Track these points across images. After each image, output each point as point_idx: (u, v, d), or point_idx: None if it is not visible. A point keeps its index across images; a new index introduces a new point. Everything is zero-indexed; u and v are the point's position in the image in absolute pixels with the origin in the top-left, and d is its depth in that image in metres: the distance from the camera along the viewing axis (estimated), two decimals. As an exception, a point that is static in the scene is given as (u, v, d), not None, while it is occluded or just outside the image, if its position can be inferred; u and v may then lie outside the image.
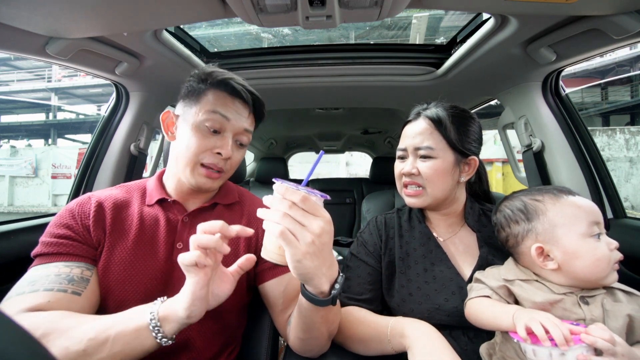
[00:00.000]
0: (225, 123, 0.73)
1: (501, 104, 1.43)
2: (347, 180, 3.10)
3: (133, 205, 0.75)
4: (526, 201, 0.69)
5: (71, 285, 0.61)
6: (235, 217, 0.81)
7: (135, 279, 0.68)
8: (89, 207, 0.70)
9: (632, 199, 9.09)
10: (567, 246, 0.61)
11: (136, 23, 0.85)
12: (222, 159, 0.73)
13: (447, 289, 0.75)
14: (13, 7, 0.72)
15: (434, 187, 0.80)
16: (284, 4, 0.74)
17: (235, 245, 0.77)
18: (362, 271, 0.84)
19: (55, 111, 16.31)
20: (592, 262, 0.59)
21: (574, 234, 0.60)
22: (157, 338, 0.54)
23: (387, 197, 1.31)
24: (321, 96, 1.67)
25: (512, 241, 0.70)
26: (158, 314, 0.55)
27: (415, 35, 9.42)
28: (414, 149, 0.81)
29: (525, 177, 1.35)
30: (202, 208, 0.78)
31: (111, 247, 0.69)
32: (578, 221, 0.61)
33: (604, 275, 0.59)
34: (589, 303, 0.59)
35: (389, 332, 0.69)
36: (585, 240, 0.60)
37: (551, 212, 0.64)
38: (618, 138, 9.51)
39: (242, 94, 0.75)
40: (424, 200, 0.82)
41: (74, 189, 1.31)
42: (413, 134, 0.82)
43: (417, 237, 0.85)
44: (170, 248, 0.72)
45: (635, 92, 11.53)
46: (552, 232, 0.63)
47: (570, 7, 0.74)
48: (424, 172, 0.79)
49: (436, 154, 0.79)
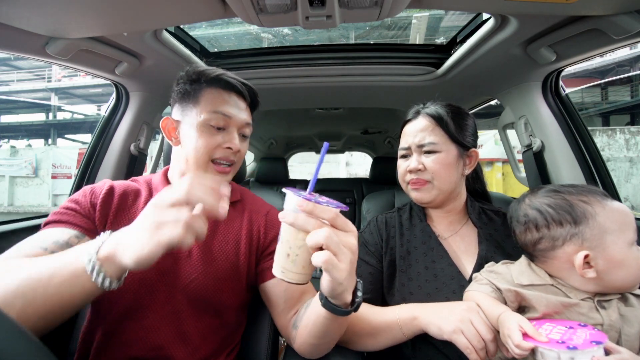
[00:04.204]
0: (228, 120, 0.74)
1: (501, 104, 1.43)
2: (347, 180, 3.10)
3: (141, 197, 0.77)
4: (573, 201, 0.60)
5: (53, 245, 0.61)
6: (237, 215, 0.81)
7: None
8: (101, 189, 0.73)
9: (632, 199, 9.09)
10: (614, 255, 0.56)
11: (136, 23, 0.85)
12: (233, 152, 0.75)
13: (448, 287, 0.76)
14: (13, 7, 0.72)
15: (441, 180, 0.81)
16: (284, 4, 0.74)
17: (236, 244, 0.77)
18: (364, 271, 0.84)
19: (55, 111, 16.30)
20: (636, 271, 0.56)
21: (623, 242, 0.56)
22: (98, 283, 0.47)
23: (387, 197, 1.31)
24: (321, 96, 1.67)
25: (547, 244, 0.62)
26: (97, 256, 0.48)
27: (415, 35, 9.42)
28: (417, 146, 0.83)
29: (525, 177, 1.35)
30: None
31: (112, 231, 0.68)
32: (627, 228, 0.56)
33: (638, 283, 0.57)
34: (606, 308, 0.57)
35: (399, 319, 0.70)
36: (631, 249, 0.56)
37: (601, 217, 0.57)
38: (618, 138, 9.51)
39: (237, 88, 0.76)
40: (432, 195, 0.82)
41: (74, 189, 1.31)
42: (415, 132, 0.84)
43: (418, 235, 0.85)
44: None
45: (635, 92, 11.53)
46: (600, 238, 0.57)
47: (570, 7, 0.74)
48: (429, 166, 0.81)
49: (440, 148, 0.81)
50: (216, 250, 0.74)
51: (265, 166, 2.64)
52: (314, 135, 3.10)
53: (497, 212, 0.88)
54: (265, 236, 0.80)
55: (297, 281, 0.49)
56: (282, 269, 0.50)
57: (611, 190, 1.13)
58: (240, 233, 0.78)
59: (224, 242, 0.76)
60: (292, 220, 0.47)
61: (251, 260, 0.77)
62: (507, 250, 0.79)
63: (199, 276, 0.71)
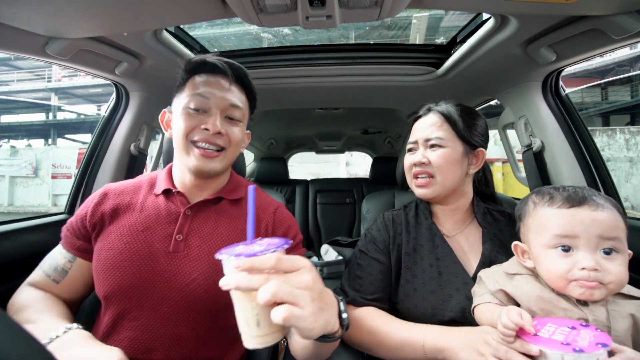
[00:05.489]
0: (206, 101, 0.72)
1: (501, 104, 1.43)
2: (347, 180, 3.10)
3: (138, 194, 0.78)
4: (528, 201, 0.70)
5: (54, 273, 0.73)
6: (242, 213, 0.79)
7: (122, 266, 0.68)
8: (93, 197, 0.77)
9: (632, 199, 9.09)
10: (532, 251, 0.65)
11: (136, 23, 0.85)
12: (212, 134, 0.71)
13: (452, 285, 0.76)
14: (13, 7, 0.72)
15: (444, 175, 0.82)
16: (284, 4, 0.74)
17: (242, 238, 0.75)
18: (374, 269, 0.84)
19: (55, 111, 16.30)
20: (545, 272, 0.62)
21: (539, 243, 0.63)
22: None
23: (387, 197, 1.31)
24: (321, 96, 1.67)
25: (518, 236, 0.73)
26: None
27: (415, 35, 9.42)
28: (424, 141, 0.85)
29: (525, 177, 1.35)
30: (206, 201, 0.77)
31: (106, 232, 0.73)
32: (543, 232, 0.63)
33: (561, 287, 0.60)
34: (588, 305, 0.59)
35: (424, 345, 0.68)
36: (546, 250, 0.62)
37: (530, 217, 0.67)
38: (618, 138, 9.51)
39: (220, 69, 0.73)
40: (434, 190, 0.83)
41: (74, 189, 1.31)
42: (424, 127, 0.86)
43: (423, 233, 0.86)
44: (169, 239, 0.71)
45: (635, 92, 11.52)
46: (526, 235, 0.68)
47: (570, 7, 0.74)
48: (434, 160, 0.82)
49: (445, 144, 0.82)
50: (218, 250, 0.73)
51: (265, 166, 2.64)
52: (314, 135, 3.11)
53: (502, 212, 0.89)
54: (274, 233, 0.78)
55: (274, 341, 0.45)
56: (251, 338, 0.45)
57: (611, 190, 1.12)
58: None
59: (228, 240, 0.74)
60: (235, 284, 0.43)
61: None
62: (510, 250, 0.79)
63: (199, 276, 0.69)
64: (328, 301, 0.49)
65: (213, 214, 0.76)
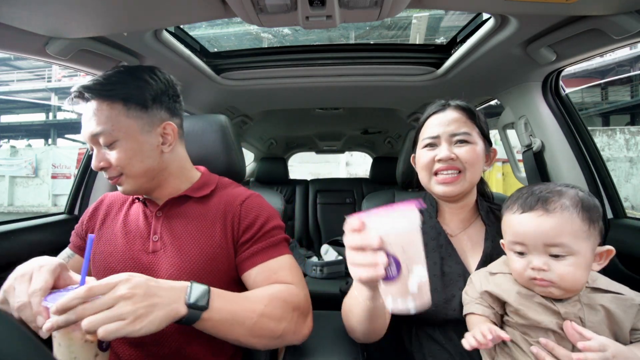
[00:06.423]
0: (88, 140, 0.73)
1: (501, 104, 1.43)
2: (347, 180, 3.10)
3: (126, 202, 0.86)
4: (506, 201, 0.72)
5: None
6: (210, 208, 0.80)
7: (112, 267, 0.75)
8: (94, 203, 0.87)
9: (632, 199, 9.09)
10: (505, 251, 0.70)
11: (136, 23, 0.85)
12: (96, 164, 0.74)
13: (455, 284, 0.76)
14: (13, 7, 0.71)
15: (473, 171, 0.80)
16: (284, 4, 0.74)
17: (210, 236, 0.76)
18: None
19: (55, 111, 16.30)
20: (512, 270, 0.67)
21: (505, 243, 0.69)
22: None
23: (387, 197, 1.31)
24: (321, 96, 1.67)
25: None
26: None
27: (415, 35, 9.42)
28: (449, 136, 0.81)
29: (525, 177, 1.35)
30: (172, 200, 0.80)
31: (99, 237, 0.81)
32: (505, 235, 0.69)
33: (526, 284, 0.64)
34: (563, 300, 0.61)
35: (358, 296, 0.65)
36: (509, 251, 0.68)
37: (502, 219, 0.71)
38: (618, 138, 9.51)
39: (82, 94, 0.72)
40: (462, 186, 0.80)
41: (74, 189, 1.31)
42: (446, 122, 0.82)
43: (428, 232, 0.86)
44: (149, 240, 0.77)
45: (635, 92, 11.53)
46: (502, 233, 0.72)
47: (570, 7, 0.74)
48: (463, 156, 0.79)
49: (472, 140, 0.81)
50: (190, 245, 0.74)
51: (265, 166, 2.64)
52: (314, 135, 3.10)
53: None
54: (239, 224, 0.77)
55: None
56: None
57: (611, 190, 1.13)
58: (215, 225, 0.76)
59: (197, 235, 0.76)
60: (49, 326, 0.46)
61: (230, 252, 0.76)
62: None
63: (174, 272, 0.72)
64: (164, 294, 0.53)
65: (182, 212, 0.80)
